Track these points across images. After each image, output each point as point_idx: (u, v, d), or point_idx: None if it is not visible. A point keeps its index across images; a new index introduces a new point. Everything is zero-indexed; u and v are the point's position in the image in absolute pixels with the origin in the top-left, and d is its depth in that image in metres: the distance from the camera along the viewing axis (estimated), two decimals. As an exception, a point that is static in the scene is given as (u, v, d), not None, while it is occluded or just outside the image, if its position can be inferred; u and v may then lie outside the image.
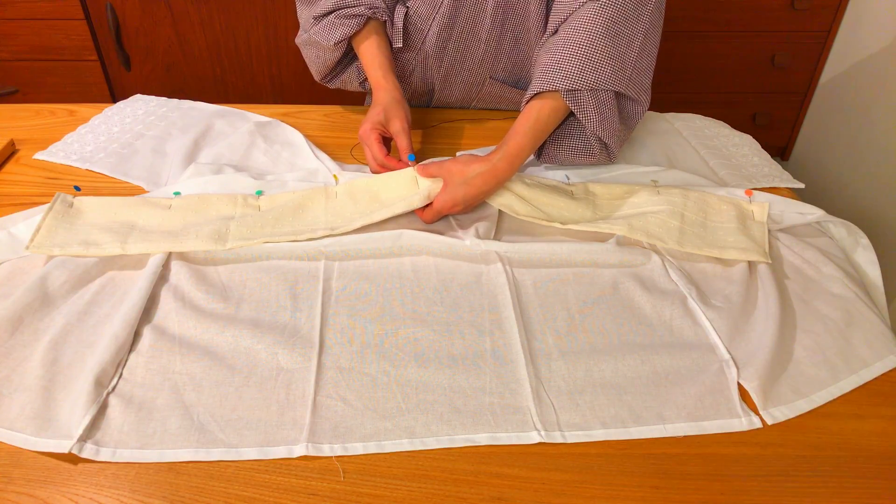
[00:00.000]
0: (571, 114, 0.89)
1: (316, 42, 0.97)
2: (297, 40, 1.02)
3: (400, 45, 0.99)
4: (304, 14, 0.99)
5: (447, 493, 0.56)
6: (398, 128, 0.89)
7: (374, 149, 0.88)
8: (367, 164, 0.95)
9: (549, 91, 0.84)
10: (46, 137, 1.01)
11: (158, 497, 0.55)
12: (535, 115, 0.85)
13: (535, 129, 0.85)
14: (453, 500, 0.56)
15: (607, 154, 0.93)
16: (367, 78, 1.02)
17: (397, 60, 1.02)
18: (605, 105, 0.85)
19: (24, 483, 0.56)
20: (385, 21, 0.96)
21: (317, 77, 1.05)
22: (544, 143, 0.92)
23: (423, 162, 0.86)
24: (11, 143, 0.98)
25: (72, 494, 0.55)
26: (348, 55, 1.03)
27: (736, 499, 0.57)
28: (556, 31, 0.87)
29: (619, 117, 0.89)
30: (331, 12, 0.94)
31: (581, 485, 0.57)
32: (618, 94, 0.88)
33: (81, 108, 1.09)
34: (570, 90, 0.83)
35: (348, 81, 1.05)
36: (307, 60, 1.04)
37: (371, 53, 0.95)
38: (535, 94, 0.85)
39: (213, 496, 0.55)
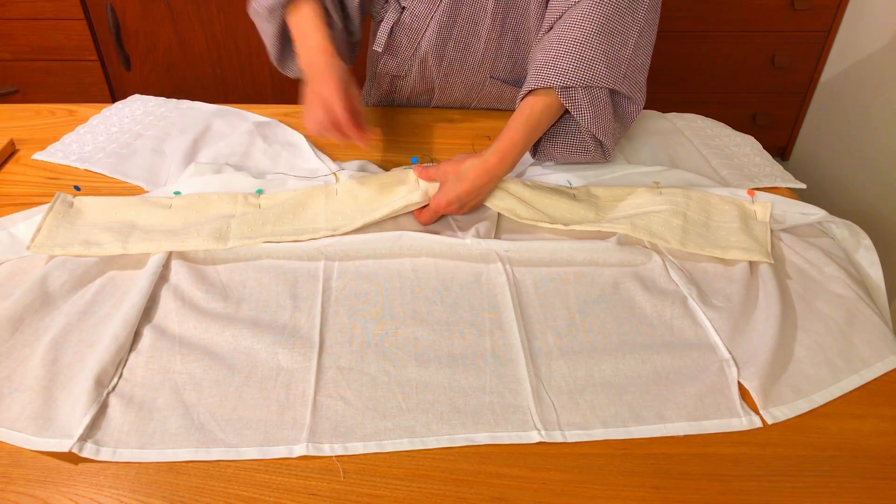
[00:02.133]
0: (567, 111, 0.89)
1: (255, 11, 0.92)
2: (249, 12, 0.96)
3: (379, 48, 0.97)
4: None
5: (447, 493, 0.56)
6: (357, 108, 0.81)
7: (340, 110, 0.79)
8: (366, 161, 0.95)
9: (544, 88, 0.84)
10: (46, 137, 1.01)
11: (158, 497, 0.55)
12: (527, 112, 0.85)
13: (528, 125, 0.84)
14: (453, 500, 0.56)
15: (602, 152, 0.93)
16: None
17: (393, 60, 1.02)
18: (599, 102, 0.85)
19: (24, 483, 0.56)
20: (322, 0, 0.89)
21: (272, 58, 0.99)
22: (540, 140, 0.92)
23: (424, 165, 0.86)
24: (11, 143, 0.98)
25: (72, 494, 0.55)
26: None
27: (736, 499, 0.57)
28: (551, 28, 0.87)
29: (613, 115, 0.89)
30: None
31: (581, 485, 0.57)
32: (612, 92, 0.88)
33: (81, 108, 1.09)
34: (564, 87, 0.83)
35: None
36: (262, 37, 0.98)
37: (308, 21, 0.87)
38: (530, 91, 0.85)
39: (213, 496, 0.55)
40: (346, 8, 0.95)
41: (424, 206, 0.84)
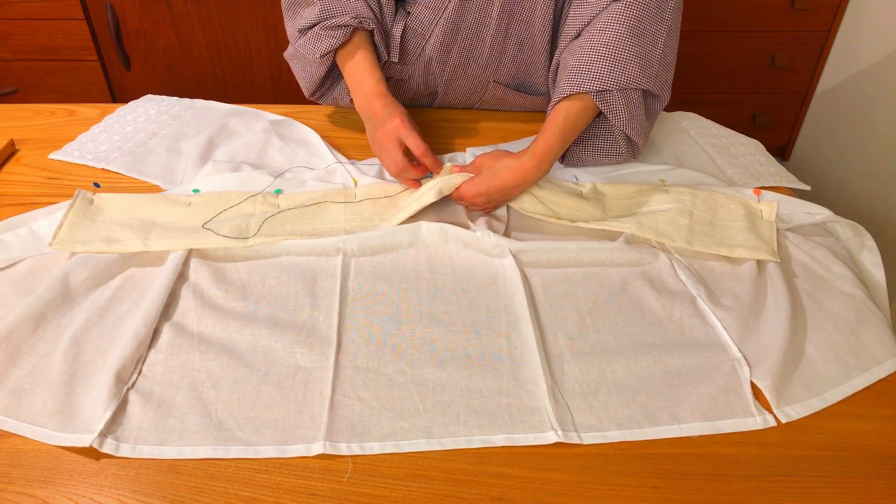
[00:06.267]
0: (597, 116, 0.89)
1: (302, 55, 0.95)
2: (285, 54, 1.01)
3: (395, 59, 0.98)
4: (290, 28, 0.97)
5: (447, 493, 0.56)
6: (418, 138, 0.85)
7: (399, 156, 0.85)
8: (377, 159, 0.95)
9: (578, 93, 0.84)
10: (46, 137, 1.01)
11: (158, 497, 0.55)
12: (563, 115, 0.85)
13: (565, 128, 0.85)
14: (453, 500, 0.56)
15: (633, 151, 0.94)
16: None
17: (396, 65, 1.02)
18: (633, 103, 0.86)
19: (24, 483, 0.56)
20: (372, 30, 0.93)
21: (306, 93, 1.03)
22: (568, 147, 0.92)
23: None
24: (11, 143, 0.98)
25: (72, 494, 0.55)
26: (336, 70, 1.00)
27: (736, 499, 0.57)
28: (577, 35, 0.88)
29: (645, 113, 0.90)
30: (315, 24, 0.91)
31: (581, 485, 0.57)
32: (644, 91, 0.88)
33: (81, 108, 1.09)
34: (599, 91, 0.83)
35: (339, 98, 1.03)
36: (296, 75, 1.02)
37: (364, 64, 0.92)
38: (564, 97, 0.85)
39: (213, 496, 0.55)
40: (390, 40, 0.97)
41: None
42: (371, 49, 0.94)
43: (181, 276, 0.75)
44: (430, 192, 0.83)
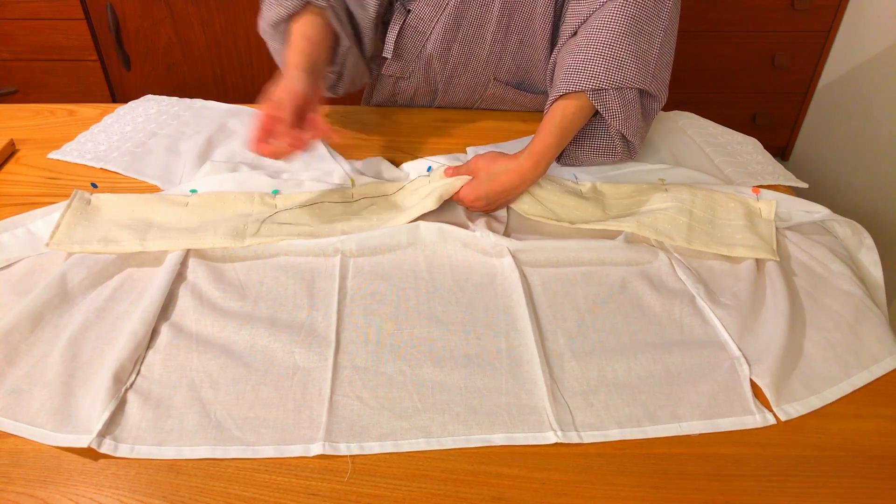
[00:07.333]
0: (593, 115, 0.89)
1: (264, 31, 0.92)
2: (262, 33, 0.95)
3: (388, 55, 0.98)
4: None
5: (447, 493, 0.56)
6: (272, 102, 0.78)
7: (288, 111, 0.76)
8: (378, 158, 0.95)
9: (575, 91, 0.84)
10: (46, 137, 1.01)
11: (158, 497, 0.55)
12: (559, 114, 0.85)
13: (561, 128, 0.85)
14: (453, 500, 0.56)
15: (629, 151, 0.93)
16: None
17: (397, 63, 1.02)
18: (629, 103, 0.86)
19: (24, 483, 0.56)
20: (325, 9, 0.86)
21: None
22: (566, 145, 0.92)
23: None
24: (11, 143, 0.98)
25: (72, 494, 0.55)
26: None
27: (736, 499, 0.56)
28: (575, 33, 0.87)
29: (642, 113, 0.89)
30: None
31: (581, 485, 0.57)
32: (640, 91, 0.88)
33: (81, 108, 1.09)
34: (595, 90, 0.83)
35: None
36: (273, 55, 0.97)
37: (296, 38, 0.85)
38: (560, 95, 0.85)
39: (213, 496, 0.55)
40: (357, 25, 0.94)
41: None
42: (318, 26, 0.86)
43: (179, 277, 0.75)
44: (429, 197, 0.83)
